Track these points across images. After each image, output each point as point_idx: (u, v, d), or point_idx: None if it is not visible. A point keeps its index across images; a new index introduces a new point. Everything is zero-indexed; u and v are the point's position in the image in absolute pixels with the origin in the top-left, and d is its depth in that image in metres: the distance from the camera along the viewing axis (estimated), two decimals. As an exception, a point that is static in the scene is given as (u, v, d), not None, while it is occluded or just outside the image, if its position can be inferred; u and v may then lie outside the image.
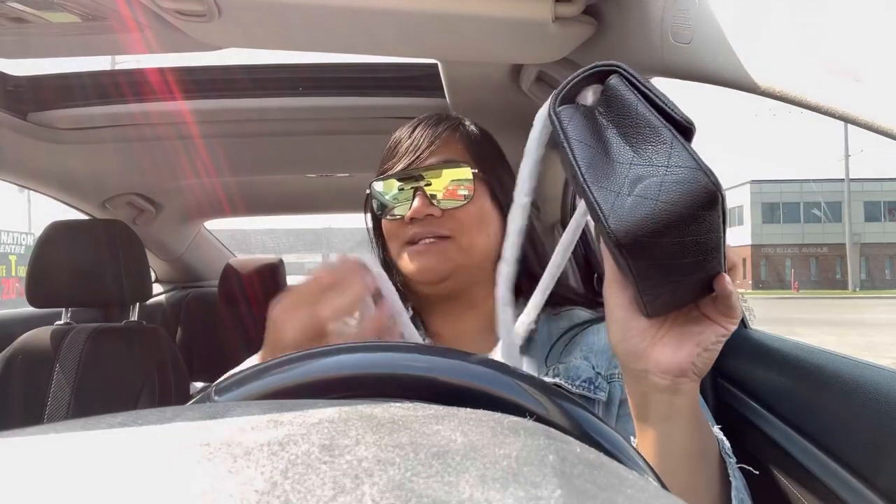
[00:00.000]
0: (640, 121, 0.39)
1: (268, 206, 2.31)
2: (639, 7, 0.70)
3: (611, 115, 0.41)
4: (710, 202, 0.37)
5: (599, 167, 0.39)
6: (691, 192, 0.37)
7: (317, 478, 0.18)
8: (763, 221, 35.36)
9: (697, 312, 0.47)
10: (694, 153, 0.38)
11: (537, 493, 0.17)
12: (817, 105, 0.47)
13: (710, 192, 0.37)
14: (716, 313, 0.46)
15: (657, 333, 0.48)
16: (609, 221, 0.38)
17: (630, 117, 0.39)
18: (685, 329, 0.47)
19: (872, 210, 35.16)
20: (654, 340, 0.48)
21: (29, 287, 1.42)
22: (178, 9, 0.77)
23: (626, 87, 0.40)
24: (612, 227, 0.38)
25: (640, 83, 0.40)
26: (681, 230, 0.37)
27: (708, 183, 0.37)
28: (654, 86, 0.40)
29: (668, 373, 0.47)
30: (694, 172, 0.37)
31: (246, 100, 1.30)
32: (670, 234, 0.37)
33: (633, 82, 0.40)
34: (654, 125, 0.38)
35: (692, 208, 0.37)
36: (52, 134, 1.35)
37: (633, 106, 0.39)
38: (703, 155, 0.38)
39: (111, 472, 0.19)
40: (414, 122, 0.82)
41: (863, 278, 34.43)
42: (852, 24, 0.45)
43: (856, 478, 0.64)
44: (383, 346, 0.38)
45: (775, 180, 36.78)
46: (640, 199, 0.37)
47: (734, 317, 0.46)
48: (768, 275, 35.55)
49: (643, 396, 0.50)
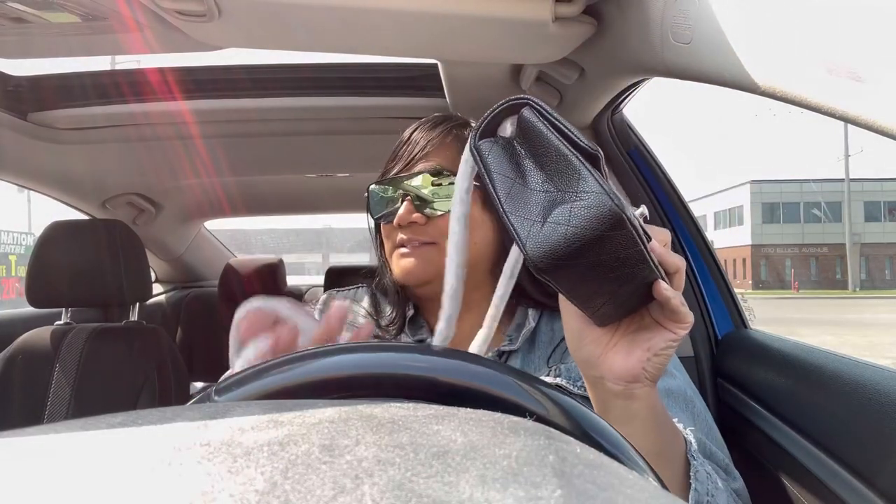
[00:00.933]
0: (552, 150, 0.41)
1: (268, 206, 2.31)
2: (639, 7, 0.70)
3: (526, 145, 0.43)
4: (616, 224, 0.39)
5: (518, 196, 0.42)
6: (597, 215, 0.39)
7: (317, 478, 0.18)
8: (763, 221, 35.37)
9: (649, 318, 0.49)
10: (599, 178, 0.40)
11: (537, 493, 0.17)
12: (817, 105, 0.47)
13: (614, 214, 0.39)
14: (664, 318, 0.48)
15: (610, 341, 0.49)
16: (526, 248, 0.40)
17: (543, 147, 0.42)
18: (636, 336, 0.49)
19: (872, 210, 35.17)
20: (606, 348, 0.49)
21: (29, 287, 1.42)
22: (178, 9, 0.77)
23: (537, 118, 0.42)
24: (528, 253, 0.40)
25: (549, 114, 0.42)
26: (594, 251, 0.40)
27: (612, 206, 0.39)
28: (561, 117, 0.42)
29: (621, 379, 0.49)
30: (599, 197, 0.39)
31: (246, 100, 1.30)
32: (584, 255, 0.40)
33: (542, 113, 0.42)
34: (564, 154, 0.41)
35: (599, 230, 0.39)
36: (52, 134, 1.35)
37: (545, 136, 0.41)
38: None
39: (111, 472, 0.19)
40: (417, 123, 0.83)
41: (863, 278, 34.43)
42: (852, 24, 0.45)
43: (856, 478, 0.64)
44: (383, 346, 0.38)
45: (775, 180, 36.78)
46: (552, 226, 0.40)
47: (681, 321, 0.48)
48: (768, 275, 35.55)
49: (602, 402, 0.52)
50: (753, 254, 35.09)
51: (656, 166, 1.19)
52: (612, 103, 1.07)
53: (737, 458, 0.76)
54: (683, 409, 0.72)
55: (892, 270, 35.28)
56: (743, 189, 35.79)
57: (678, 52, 0.64)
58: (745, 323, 1.12)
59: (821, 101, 0.47)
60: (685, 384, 0.75)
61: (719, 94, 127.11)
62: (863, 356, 0.77)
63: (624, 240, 0.40)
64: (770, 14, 0.52)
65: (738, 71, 0.55)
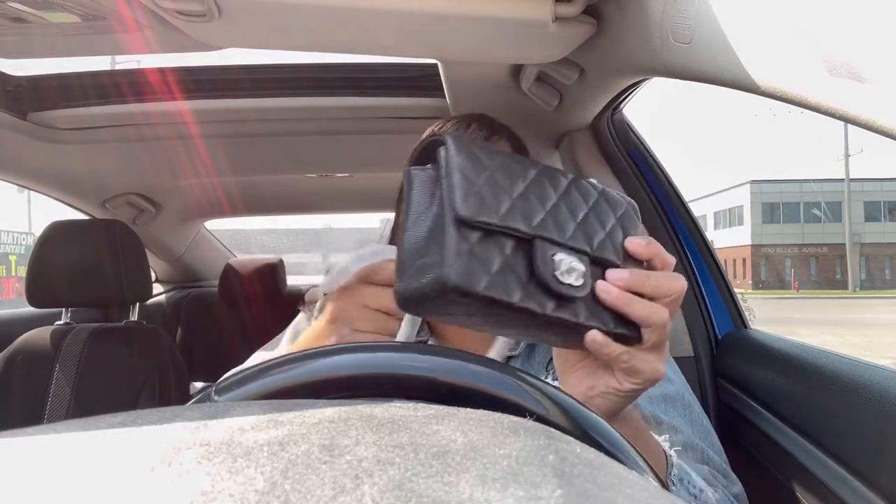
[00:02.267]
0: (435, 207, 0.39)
1: (268, 206, 2.31)
2: (639, 7, 0.70)
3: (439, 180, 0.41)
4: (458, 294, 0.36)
5: (419, 226, 0.39)
6: (431, 284, 0.36)
7: (317, 478, 0.18)
8: (763, 221, 35.35)
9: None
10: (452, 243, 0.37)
11: (537, 493, 0.17)
12: (817, 105, 0.47)
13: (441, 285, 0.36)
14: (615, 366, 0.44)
15: (577, 362, 0.48)
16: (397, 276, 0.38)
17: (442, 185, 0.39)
18: (592, 369, 0.47)
19: (872, 210, 35.15)
20: (571, 367, 0.49)
21: (29, 287, 1.42)
22: (178, 9, 0.77)
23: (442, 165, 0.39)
24: (395, 287, 0.38)
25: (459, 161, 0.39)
26: (455, 307, 0.37)
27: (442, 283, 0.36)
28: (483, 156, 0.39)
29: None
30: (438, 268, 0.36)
31: (246, 100, 1.30)
32: (445, 308, 0.38)
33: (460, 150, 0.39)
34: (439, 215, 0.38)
35: (437, 295, 0.36)
36: (52, 134, 1.34)
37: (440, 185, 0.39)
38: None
39: (111, 472, 0.19)
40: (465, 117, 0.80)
41: (863, 278, 34.42)
42: (852, 24, 0.45)
43: (856, 478, 0.64)
44: (383, 346, 0.38)
45: (775, 180, 36.77)
46: (420, 268, 0.37)
47: (630, 376, 0.44)
48: (768, 275, 35.54)
49: None
50: (753, 254, 35.08)
51: (656, 166, 1.19)
52: (612, 103, 1.07)
53: (737, 458, 0.76)
54: (681, 413, 0.72)
55: (892, 270, 35.27)
56: (743, 189, 35.78)
57: (678, 52, 0.64)
58: (745, 323, 1.12)
59: (821, 101, 0.47)
60: (683, 388, 0.75)
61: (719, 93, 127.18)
62: (863, 356, 0.77)
63: (486, 305, 0.37)
64: (770, 14, 0.52)
65: (738, 71, 0.55)
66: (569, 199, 0.41)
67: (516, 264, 0.38)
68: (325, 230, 11.84)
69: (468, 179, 0.37)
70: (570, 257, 0.39)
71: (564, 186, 0.41)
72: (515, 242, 0.38)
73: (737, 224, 36.46)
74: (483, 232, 0.38)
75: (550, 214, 0.39)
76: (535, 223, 0.39)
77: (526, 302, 0.38)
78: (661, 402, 0.72)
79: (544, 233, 0.39)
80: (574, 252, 0.39)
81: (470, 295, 0.36)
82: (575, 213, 0.40)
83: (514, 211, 0.38)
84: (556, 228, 0.39)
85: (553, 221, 0.39)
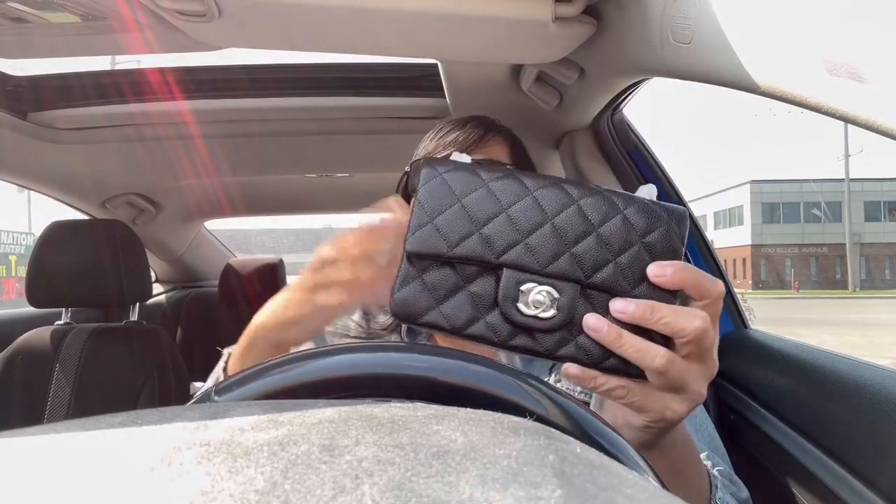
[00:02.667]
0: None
1: (268, 206, 2.31)
2: (639, 7, 0.70)
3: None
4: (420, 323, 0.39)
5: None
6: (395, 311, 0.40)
7: (317, 478, 0.18)
8: (763, 221, 35.35)
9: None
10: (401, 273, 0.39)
11: (537, 493, 0.17)
12: (817, 105, 0.47)
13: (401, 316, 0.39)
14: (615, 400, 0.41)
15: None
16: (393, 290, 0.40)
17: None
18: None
19: (872, 210, 35.15)
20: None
21: (29, 287, 1.42)
22: (178, 9, 0.77)
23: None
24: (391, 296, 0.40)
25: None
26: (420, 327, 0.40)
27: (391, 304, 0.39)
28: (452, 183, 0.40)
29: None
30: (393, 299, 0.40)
31: (246, 100, 1.30)
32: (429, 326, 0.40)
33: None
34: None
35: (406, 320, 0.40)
36: (52, 134, 1.34)
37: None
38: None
39: (111, 472, 0.19)
40: (463, 118, 0.82)
41: (863, 278, 34.42)
42: (853, 23, 0.45)
43: (856, 478, 0.64)
44: (383, 346, 0.38)
45: (775, 180, 36.76)
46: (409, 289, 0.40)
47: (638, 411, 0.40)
48: (768, 275, 35.54)
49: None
50: (753, 254, 35.08)
51: (656, 166, 1.19)
52: (612, 103, 1.07)
53: (737, 458, 0.76)
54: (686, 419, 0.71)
55: (892, 270, 35.26)
56: (743, 189, 35.78)
57: (678, 52, 0.64)
58: (745, 323, 1.12)
59: (821, 101, 0.47)
60: None
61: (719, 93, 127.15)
62: (863, 356, 0.77)
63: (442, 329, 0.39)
64: (770, 14, 0.52)
65: (738, 71, 0.55)
66: (569, 220, 0.38)
67: (483, 292, 0.38)
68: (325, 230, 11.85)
69: (425, 212, 0.38)
70: (542, 287, 0.38)
71: (567, 206, 0.39)
72: (481, 271, 0.39)
73: (737, 224, 36.46)
74: (441, 262, 0.38)
75: (532, 241, 0.38)
76: (503, 251, 0.38)
77: (479, 330, 0.38)
78: None
79: (516, 261, 0.38)
80: (555, 280, 0.38)
81: (413, 322, 0.39)
82: (568, 238, 0.38)
83: (480, 240, 0.38)
84: (532, 256, 0.38)
85: (531, 248, 0.38)
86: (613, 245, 0.38)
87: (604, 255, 0.38)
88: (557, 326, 0.38)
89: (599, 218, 0.38)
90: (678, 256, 0.39)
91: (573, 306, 0.38)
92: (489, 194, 0.39)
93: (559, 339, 0.38)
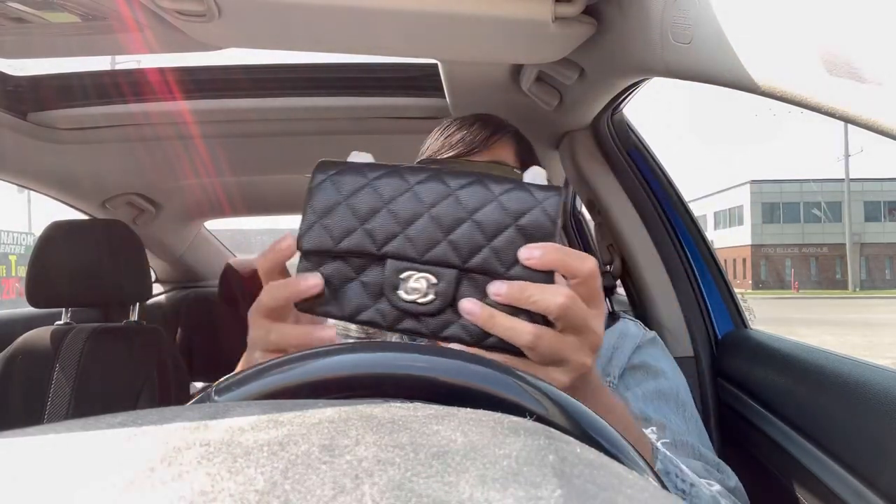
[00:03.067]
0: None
1: (268, 206, 2.31)
2: (639, 7, 0.70)
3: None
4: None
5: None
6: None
7: (317, 478, 0.18)
8: (763, 221, 35.36)
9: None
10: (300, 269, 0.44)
11: (537, 493, 0.17)
12: (817, 105, 0.47)
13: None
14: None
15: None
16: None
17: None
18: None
19: (872, 210, 35.15)
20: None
21: (29, 287, 1.42)
22: (178, 9, 0.77)
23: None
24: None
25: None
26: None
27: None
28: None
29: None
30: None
31: (246, 100, 1.30)
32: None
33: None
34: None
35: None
36: (52, 134, 1.34)
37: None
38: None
39: (111, 471, 0.19)
40: (469, 117, 0.81)
41: (863, 278, 34.42)
42: (853, 23, 0.45)
43: (856, 478, 0.64)
44: (384, 346, 0.38)
45: (775, 180, 36.76)
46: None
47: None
48: (768, 275, 35.54)
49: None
50: (753, 254, 35.08)
51: (656, 166, 1.19)
52: (612, 103, 1.07)
53: (737, 458, 0.76)
54: (675, 410, 0.72)
55: (892, 270, 35.26)
56: (743, 189, 35.78)
57: (678, 52, 0.64)
58: (745, 323, 1.12)
59: (821, 101, 0.47)
60: (679, 386, 0.76)
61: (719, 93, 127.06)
62: (863, 356, 0.77)
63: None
64: (770, 14, 0.52)
65: (738, 71, 0.55)
66: (445, 209, 0.41)
67: (371, 282, 0.42)
68: (325, 230, 11.85)
69: (315, 213, 0.42)
70: (420, 274, 0.41)
71: (445, 197, 0.41)
72: (369, 262, 0.42)
73: (737, 224, 36.47)
74: (333, 256, 0.42)
75: (411, 232, 0.41)
76: (384, 243, 0.41)
77: (369, 316, 0.41)
78: (654, 399, 0.72)
79: (397, 251, 0.41)
80: (433, 267, 0.40)
81: (311, 312, 0.43)
82: (444, 226, 0.40)
83: (363, 234, 0.41)
84: (411, 245, 0.40)
85: (410, 238, 0.41)
86: (488, 230, 0.40)
87: (479, 240, 0.40)
88: (438, 310, 0.41)
89: (474, 205, 0.40)
90: (551, 237, 0.40)
91: (452, 291, 0.40)
92: (373, 191, 0.42)
93: (443, 322, 0.41)
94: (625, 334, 0.81)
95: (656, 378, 0.76)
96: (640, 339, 0.81)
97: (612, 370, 0.77)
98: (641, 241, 1.15)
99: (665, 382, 0.75)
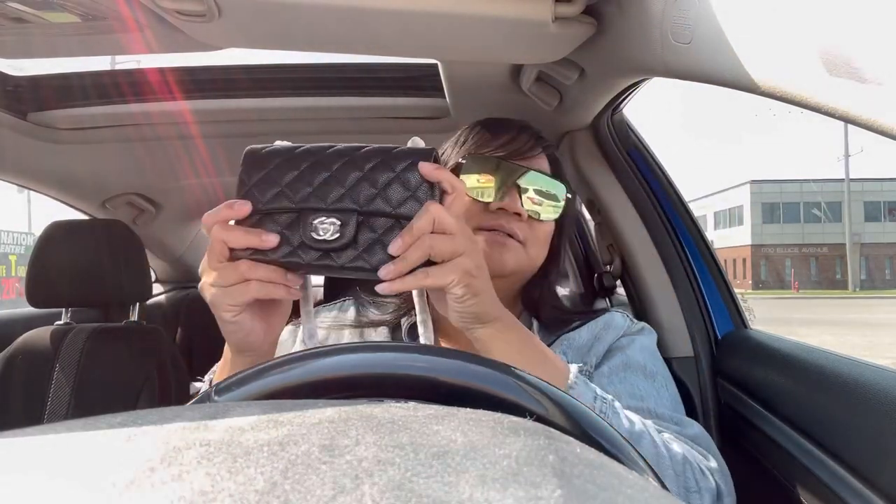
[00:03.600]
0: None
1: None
2: (639, 7, 0.70)
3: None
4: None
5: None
6: None
7: (317, 478, 0.18)
8: (763, 221, 35.36)
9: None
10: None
11: (537, 493, 0.17)
12: (817, 105, 0.47)
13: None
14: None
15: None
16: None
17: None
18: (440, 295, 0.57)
19: (872, 210, 35.16)
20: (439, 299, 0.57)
21: (29, 287, 1.42)
22: (178, 9, 0.77)
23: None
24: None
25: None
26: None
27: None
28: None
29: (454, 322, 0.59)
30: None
31: (246, 100, 1.30)
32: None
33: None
34: None
35: None
36: (52, 134, 1.34)
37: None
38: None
39: (111, 471, 0.19)
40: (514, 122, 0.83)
41: (863, 278, 34.42)
42: (852, 24, 0.45)
43: (856, 478, 0.64)
44: (384, 346, 0.38)
45: (775, 180, 36.77)
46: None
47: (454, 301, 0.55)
48: (768, 275, 35.54)
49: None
50: (753, 254, 35.09)
51: (656, 166, 1.19)
52: (612, 103, 1.07)
53: (737, 458, 0.76)
54: (642, 378, 0.75)
55: (892, 270, 35.27)
56: (743, 189, 35.79)
57: (678, 52, 0.64)
58: (745, 323, 1.12)
59: (821, 101, 0.47)
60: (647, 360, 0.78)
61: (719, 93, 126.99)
62: (863, 356, 0.77)
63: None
64: (770, 14, 0.52)
65: (738, 71, 0.55)
66: (344, 172, 0.51)
67: (293, 232, 0.51)
68: (325, 230, 11.87)
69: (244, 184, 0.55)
70: (329, 219, 0.51)
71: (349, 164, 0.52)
72: (291, 216, 0.52)
73: (737, 224, 36.47)
74: (263, 214, 0.53)
75: (317, 189, 0.51)
76: (299, 200, 0.51)
77: (289, 257, 0.51)
78: (621, 371, 0.75)
79: (307, 204, 0.51)
80: (338, 213, 0.51)
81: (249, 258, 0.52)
82: (345, 182, 0.51)
83: (282, 195, 0.52)
84: (319, 199, 0.51)
85: (318, 194, 0.51)
86: (378, 181, 0.51)
87: (371, 189, 0.51)
88: (344, 246, 0.50)
89: (369, 165, 0.51)
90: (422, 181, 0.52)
91: (354, 230, 0.50)
92: (289, 161, 0.53)
93: (351, 257, 0.51)
94: (609, 325, 0.82)
95: (622, 352, 0.77)
96: (624, 329, 0.82)
97: (590, 359, 0.77)
98: (641, 241, 1.15)
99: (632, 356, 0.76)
